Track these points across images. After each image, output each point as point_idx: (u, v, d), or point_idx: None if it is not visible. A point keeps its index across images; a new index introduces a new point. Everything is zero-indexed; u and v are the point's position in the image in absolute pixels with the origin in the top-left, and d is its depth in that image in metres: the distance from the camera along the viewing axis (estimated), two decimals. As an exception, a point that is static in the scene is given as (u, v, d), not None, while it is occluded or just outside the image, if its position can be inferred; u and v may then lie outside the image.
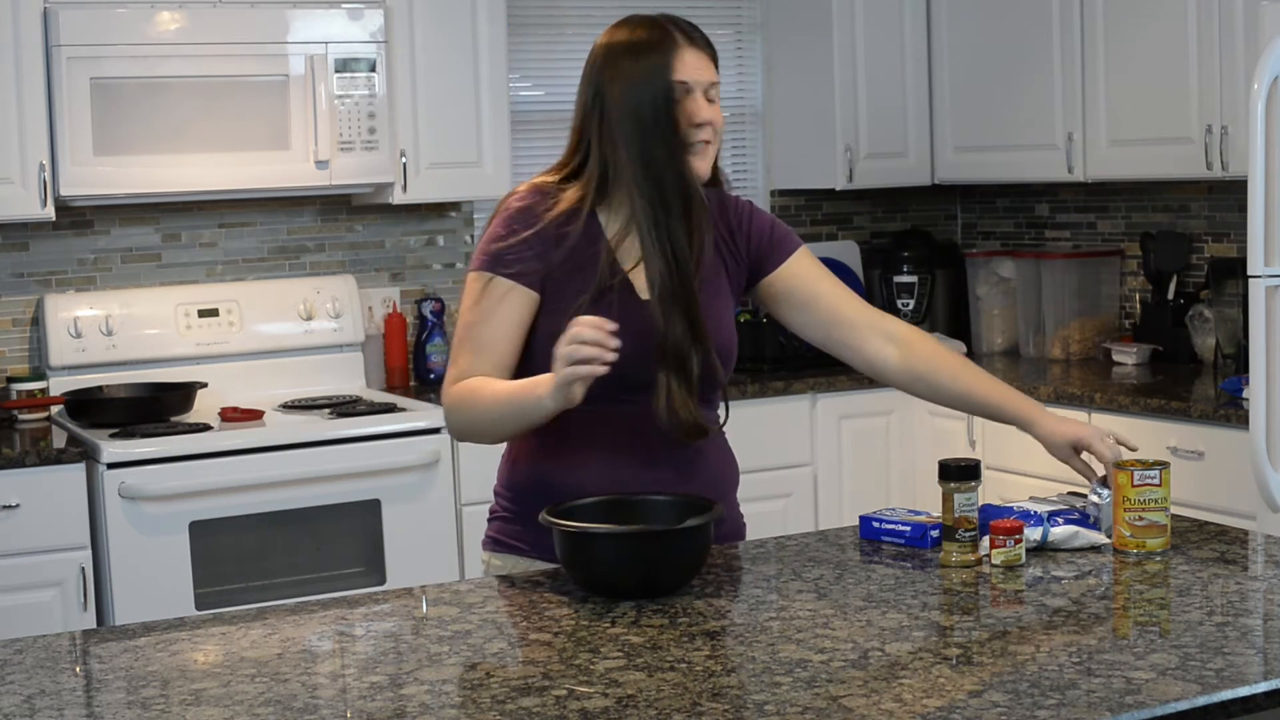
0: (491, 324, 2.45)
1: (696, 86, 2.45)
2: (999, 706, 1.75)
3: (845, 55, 5.18)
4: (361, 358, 4.80)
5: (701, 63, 2.46)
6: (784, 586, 2.32)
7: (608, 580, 2.23)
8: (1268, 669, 1.88)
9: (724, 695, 1.81)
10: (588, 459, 2.47)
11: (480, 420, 2.44)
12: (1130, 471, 2.41)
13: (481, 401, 2.42)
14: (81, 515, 3.94)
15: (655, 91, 2.42)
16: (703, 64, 2.46)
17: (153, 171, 4.26)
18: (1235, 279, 4.49)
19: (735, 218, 2.59)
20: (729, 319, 2.55)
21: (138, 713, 1.82)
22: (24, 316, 4.55)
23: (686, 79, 2.44)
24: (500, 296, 2.45)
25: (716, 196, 2.59)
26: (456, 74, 4.65)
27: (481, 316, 2.45)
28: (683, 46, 2.46)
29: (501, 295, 2.45)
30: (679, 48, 2.45)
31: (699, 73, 2.45)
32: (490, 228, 2.51)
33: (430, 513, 4.23)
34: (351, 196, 4.81)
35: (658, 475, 2.46)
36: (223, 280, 4.75)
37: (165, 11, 4.25)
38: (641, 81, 2.42)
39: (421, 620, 2.21)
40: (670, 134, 2.42)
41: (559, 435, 2.47)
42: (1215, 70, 4.30)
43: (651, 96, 2.42)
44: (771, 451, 4.68)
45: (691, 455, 2.50)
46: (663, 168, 2.41)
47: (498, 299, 2.45)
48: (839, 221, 5.62)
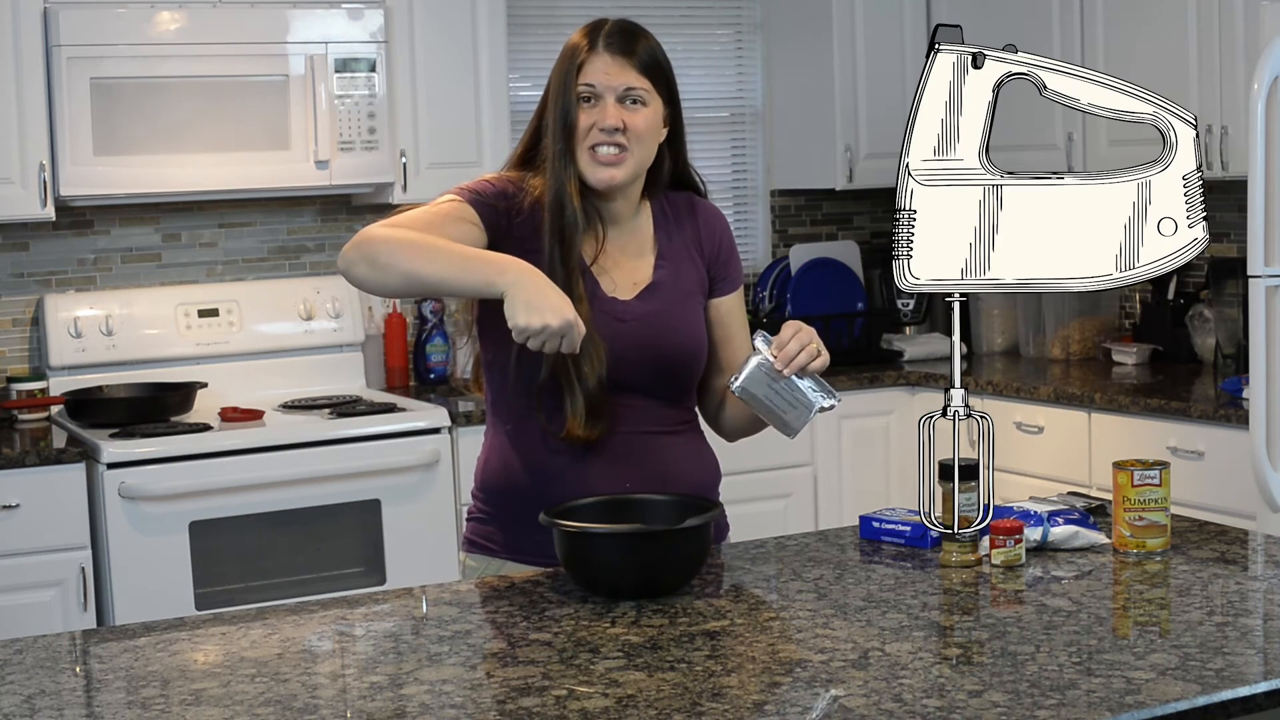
0: (440, 229, 2.36)
1: (606, 92, 2.43)
2: (999, 706, 1.75)
3: (845, 55, 5.18)
4: (361, 358, 4.80)
5: (615, 68, 2.43)
6: (784, 586, 2.32)
7: (608, 580, 2.23)
8: (1268, 669, 1.88)
9: (724, 695, 1.81)
10: (558, 460, 2.46)
11: (408, 252, 2.28)
12: (1130, 471, 2.41)
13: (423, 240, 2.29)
14: (81, 515, 3.94)
15: (561, 99, 2.44)
16: (615, 69, 2.43)
17: (153, 171, 4.26)
18: (1235, 279, 4.49)
19: (706, 227, 2.59)
20: (696, 318, 2.55)
21: (138, 713, 1.82)
22: (24, 316, 4.55)
23: (593, 82, 2.43)
24: (458, 217, 2.41)
25: (685, 199, 2.59)
26: (456, 74, 4.65)
27: (435, 218, 2.38)
28: (596, 53, 2.44)
29: (459, 217, 2.41)
30: (592, 54, 2.44)
31: (608, 78, 2.43)
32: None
33: (430, 513, 4.23)
34: (351, 196, 4.81)
35: (630, 475, 2.46)
36: (223, 280, 4.75)
37: (165, 11, 4.25)
38: (556, 89, 2.45)
39: (421, 620, 2.21)
40: (562, 146, 2.43)
41: (529, 437, 2.47)
42: (1215, 70, 4.30)
43: (561, 106, 2.44)
44: (771, 451, 4.67)
45: (664, 455, 2.50)
46: (556, 178, 2.43)
47: (456, 218, 2.40)
48: (839, 221, 5.62)
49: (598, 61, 2.44)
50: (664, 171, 2.55)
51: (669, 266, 2.53)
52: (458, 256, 2.28)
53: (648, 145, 2.47)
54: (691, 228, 2.58)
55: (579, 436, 2.42)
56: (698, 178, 2.62)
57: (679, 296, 2.52)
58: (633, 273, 2.52)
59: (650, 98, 2.45)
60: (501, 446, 2.52)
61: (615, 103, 2.42)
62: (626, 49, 2.45)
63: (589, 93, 2.43)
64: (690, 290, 2.55)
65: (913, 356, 5.13)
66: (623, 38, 2.46)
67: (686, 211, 2.58)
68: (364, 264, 2.32)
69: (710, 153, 5.42)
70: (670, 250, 2.55)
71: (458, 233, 2.37)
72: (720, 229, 2.61)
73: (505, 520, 2.51)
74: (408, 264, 2.28)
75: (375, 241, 2.31)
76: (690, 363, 2.53)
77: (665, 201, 2.58)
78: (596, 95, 2.43)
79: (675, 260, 2.54)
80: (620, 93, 2.43)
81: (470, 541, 2.58)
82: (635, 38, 2.47)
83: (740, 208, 5.49)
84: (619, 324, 2.45)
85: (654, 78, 2.46)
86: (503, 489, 2.52)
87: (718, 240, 2.60)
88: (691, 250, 2.56)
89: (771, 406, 2.34)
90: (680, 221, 2.57)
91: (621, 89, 2.43)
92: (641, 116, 2.44)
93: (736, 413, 2.55)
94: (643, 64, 2.45)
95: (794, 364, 2.31)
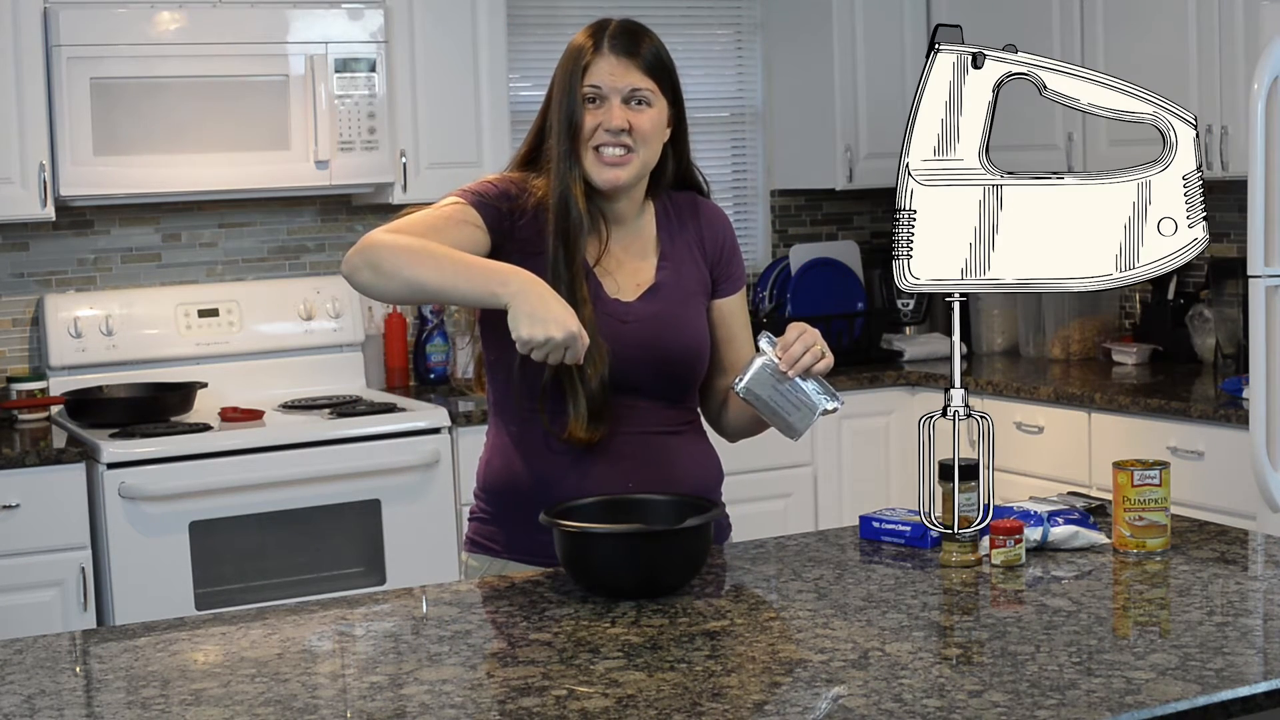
0: (444, 233, 2.37)
1: (611, 93, 2.43)
2: (999, 706, 1.75)
3: (845, 55, 5.18)
4: (361, 358, 4.80)
5: (620, 69, 2.43)
6: (784, 586, 2.32)
7: (608, 580, 2.23)
8: (1268, 669, 1.88)
9: (724, 695, 1.81)
10: (561, 461, 2.46)
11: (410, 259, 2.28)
12: (1130, 471, 2.41)
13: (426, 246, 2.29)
14: (81, 515, 3.94)
15: (566, 100, 2.44)
16: (621, 70, 2.43)
17: (153, 171, 4.26)
18: (1235, 279, 4.49)
19: (709, 227, 2.60)
20: (698, 319, 2.55)
21: (138, 713, 1.82)
22: (24, 316, 4.55)
23: (598, 83, 2.43)
24: (461, 220, 2.41)
25: (689, 199, 2.60)
26: (456, 74, 4.65)
27: (439, 222, 2.39)
28: (601, 54, 2.44)
29: (462, 219, 2.41)
30: (597, 55, 2.44)
31: (614, 79, 2.43)
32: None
33: (430, 513, 4.23)
34: (351, 196, 4.81)
35: (632, 476, 2.46)
36: (223, 280, 4.75)
37: (165, 11, 4.25)
38: (560, 90, 2.45)
39: (421, 620, 2.21)
40: (567, 147, 2.43)
41: (533, 438, 2.48)
42: (1215, 70, 4.30)
43: (566, 107, 2.44)
44: (771, 451, 4.67)
45: (667, 456, 2.50)
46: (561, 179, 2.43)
47: (459, 220, 2.41)
48: (839, 221, 5.62)
49: (603, 62, 2.44)
50: (667, 171, 2.55)
51: (671, 267, 2.54)
52: (461, 265, 2.28)
53: (653, 145, 2.47)
54: (695, 228, 2.58)
55: (581, 438, 2.42)
56: (701, 177, 2.62)
57: (681, 297, 2.52)
58: (635, 274, 2.52)
59: (655, 98, 2.46)
60: (504, 447, 2.52)
61: (620, 103, 2.43)
62: (631, 49, 2.45)
63: (594, 94, 2.43)
64: (693, 291, 2.55)
65: (913, 356, 5.13)
66: (627, 38, 2.46)
67: (690, 211, 2.58)
68: (367, 270, 2.33)
69: (710, 153, 5.42)
70: (673, 251, 2.55)
71: (461, 236, 2.38)
72: (723, 229, 2.61)
73: (507, 520, 2.51)
74: (410, 272, 2.29)
75: (379, 248, 2.32)
76: (692, 363, 2.53)
77: (669, 201, 2.58)
78: (601, 96, 2.43)
79: (678, 261, 2.54)
80: (625, 94, 2.43)
81: (472, 541, 2.58)
82: (640, 38, 2.47)
83: (740, 208, 5.49)
84: (621, 325, 2.45)
85: (658, 78, 2.46)
86: (505, 489, 2.52)
87: (720, 240, 2.60)
88: (694, 250, 2.57)
89: (775, 408, 2.34)
90: (683, 221, 2.57)
91: (627, 90, 2.43)
92: (646, 117, 2.44)
93: (739, 413, 2.55)
94: (647, 64, 2.45)
95: (798, 365, 2.31)
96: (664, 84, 2.47)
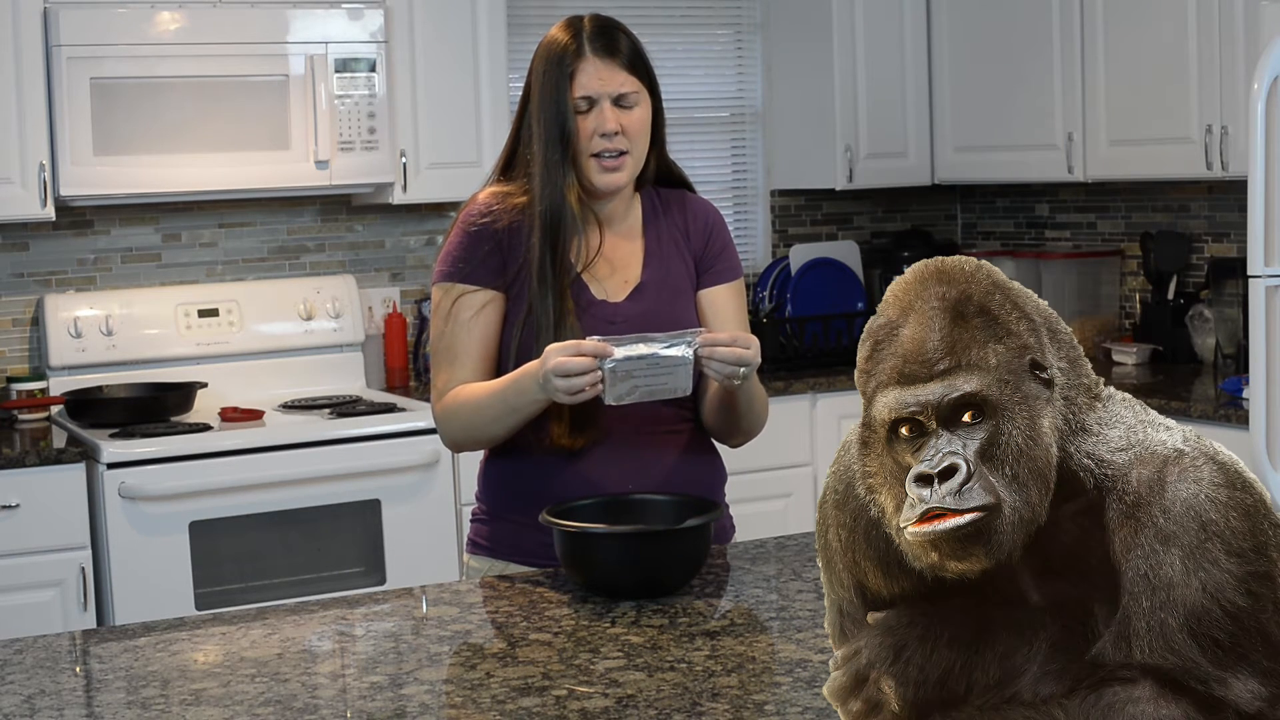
0: (463, 332, 2.48)
1: (602, 98, 2.45)
2: (999, 706, 1.74)
3: (845, 55, 5.18)
4: (361, 358, 4.80)
5: (607, 72, 2.45)
6: (784, 586, 2.32)
7: (608, 580, 2.23)
8: (1268, 669, 1.88)
9: (724, 695, 1.81)
10: (560, 461, 2.47)
11: (474, 422, 2.46)
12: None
13: (472, 404, 2.45)
14: (81, 515, 3.94)
15: (554, 108, 2.44)
16: (608, 73, 2.45)
17: (152, 171, 4.26)
18: (1235, 279, 4.49)
19: (695, 220, 2.60)
20: (686, 315, 2.55)
21: (138, 713, 1.82)
22: (24, 316, 4.55)
23: (590, 93, 2.45)
24: (466, 303, 2.48)
25: (677, 195, 2.61)
26: (456, 74, 4.66)
27: (452, 327, 2.49)
28: (586, 58, 2.45)
29: (467, 302, 2.48)
30: (581, 59, 2.45)
31: (603, 84, 2.45)
32: (449, 238, 2.53)
33: (430, 513, 4.23)
34: (351, 196, 4.81)
35: (631, 476, 2.47)
36: (223, 280, 4.75)
37: (165, 11, 4.25)
38: (545, 95, 2.46)
39: (421, 620, 2.22)
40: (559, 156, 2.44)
41: (530, 439, 2.48)
42: (1215, 70, 4.30)
43: (555, 115, 2.44)
44: (771, 451, 4.67)
45: (665, 455, 2.50)
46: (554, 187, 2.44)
47: (464, 306, 2.48)
48: (839, 221, 5.62)
49: (589, 68, 2.45)
50: (650, 164, 2.57)
51: (658, 264, 2.55)
52: (499, 401, 2.41)
53: (642, 143, 2.51)
54: (680, 220, 2.59)
55: (566, 445, 2.44)
56: (677, 168, 2.64)
57: (669, 295, 2.53)
58: (623, 272, 2.53)
59: (640, 96, 2.49)
60: (503, 448, 2.53)
61: (611, 106, 2.45)
62: (611, 49, 2.47)
63: (586, 104, 2.45)
64: (680, 287, 2.56)
65: (913, 356, 5.12)
66: (605, 37, 2.47)
67: (677, 206, 2.60)
68: (453, 445, 2.56)
69: (710, 153, 5.42)
70: (659, 248, 2.56)
71: (481, 326, 2.48)
72: (708, 219, 2.62)
73: (507, 521, 2.52)
74: (479, 433, 2.48)
75: (444, 425, 2.51)
76: None
77: (655, 196, 2.59)
78: (591, 103, 2.45)
79: (664, 257, 2.55)
80: (615, 96, 2.46)
81: (474, 543, 2.58)
82: (616, 34, 2.49)
83: (740, 208, 5.49)
84: (610, 326, 2.46)
85: (639, 74, 2.49)
86: (505, 490, 2.53)
87: (706, 230, 2.60)
88: (680, 244, 2.58)
89: (651, 389, 2.34)
90: (670, 215, 2.59)
91: (615, 93, 2.46)
92: (635, 117, 2.48)
93: (710, 412, 2.55)
94: (629, 61, 2.48)
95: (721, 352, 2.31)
96: (644, 78, 2.50)
